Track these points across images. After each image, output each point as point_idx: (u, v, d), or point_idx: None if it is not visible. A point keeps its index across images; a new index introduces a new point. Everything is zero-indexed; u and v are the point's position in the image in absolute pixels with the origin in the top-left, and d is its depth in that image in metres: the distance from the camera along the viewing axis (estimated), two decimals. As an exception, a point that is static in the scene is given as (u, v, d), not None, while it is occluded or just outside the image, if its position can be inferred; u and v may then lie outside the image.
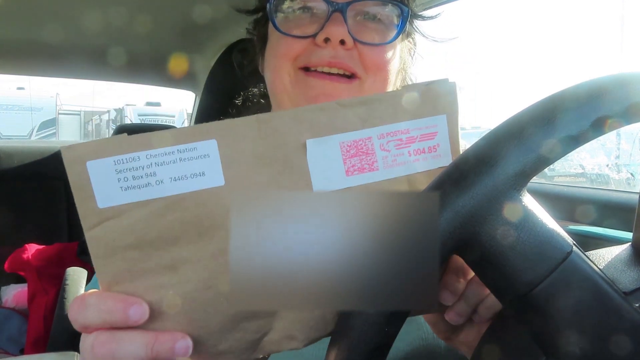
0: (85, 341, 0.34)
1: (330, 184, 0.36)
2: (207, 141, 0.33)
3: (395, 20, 0.63)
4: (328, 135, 0.35)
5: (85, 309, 0.33)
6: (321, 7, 0.60)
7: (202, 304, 0.36)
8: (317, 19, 0.61)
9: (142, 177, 0.32)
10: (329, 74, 0.60)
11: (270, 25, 0.64)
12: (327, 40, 0.59)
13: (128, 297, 0.34)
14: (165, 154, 0.32)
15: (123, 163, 0.32)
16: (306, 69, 0.61)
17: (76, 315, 0.34)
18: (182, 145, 0.33)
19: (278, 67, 0.62)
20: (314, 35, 0.60)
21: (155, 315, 0.35)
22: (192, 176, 0.33)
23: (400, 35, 0.64)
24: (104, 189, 0.32)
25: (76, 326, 0.34)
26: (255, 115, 0.35)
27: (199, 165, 0.33)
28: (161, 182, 0.33)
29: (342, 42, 0.59)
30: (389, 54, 0.63)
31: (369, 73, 0.61)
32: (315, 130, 0.35)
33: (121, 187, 0.32)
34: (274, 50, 0.63)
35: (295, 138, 0.35)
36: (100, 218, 0.33)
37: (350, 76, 0.61)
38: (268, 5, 0.63)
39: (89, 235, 0.33)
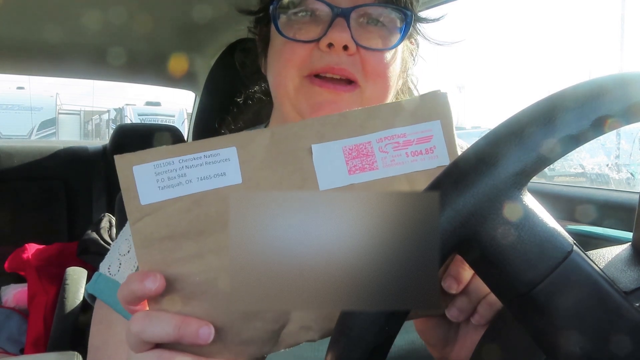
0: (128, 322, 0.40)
1: (335, 182, 0.41)
2: (228, 148, 0.40)
3: (399, 24, 0.62)
4: (332, 141, 0.41)
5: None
6: (324, 10, 0.60)
7: (225, 292, 0.40)
8: (320, 23, 0.60)
9: (175, 177, 0.39)
10: (332, 79, 0.60)
11: (273, 26, 0.63)
12: (330, 45, 0.59)
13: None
14: (194, 158, 0.39)
15: (161, 167, 0.39)
16: (310, 76, 0.61)
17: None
18: (208, 151, 0.39)
19: (283, 73, 0.62)
20: (317, 40, 0.60)
21: (183, 300, 0.40)
22: (215, 176, 0.39)
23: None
24: (146, 188, 0.39)
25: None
26: (269, 127, 0.40)
27: (221, 167, 0.40)
28: (190, 181, 0.39)
29: (345, 47, 0.59)
30: (391, 59, 0.63)
31: (368, 80, 0.61)
32: (320, 137, 0.41)
33: (159, 187, 0.39)
34: (278, 55, 0.63)
35: (303, 144, 0.40)
36: (142, 213, 0.39)
37: (351, 82, 0.61)
38: (271, 8, 0.62)
39: (133, 229, 0.39)
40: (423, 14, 0.70)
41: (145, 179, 0.39)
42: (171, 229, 0.39)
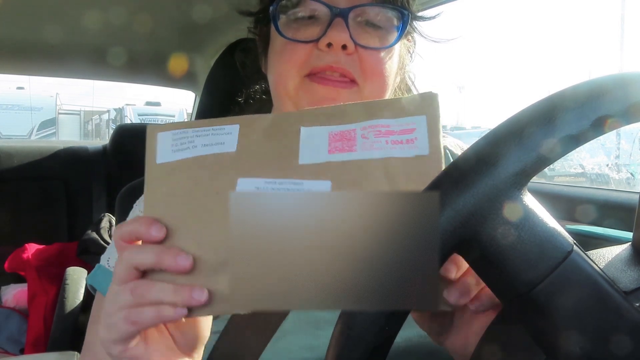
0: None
1: (314, 159, 0.45)
2: (232, 125, 0.47)
3: (396, 23, 0.64)
4: (320, 126, 0.46)
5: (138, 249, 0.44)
6: (323, 11, 0.62)
7: (212, 238, 0.44)
8: (319, 23, 0.62)
9: (185, 144, 0.47)
10: (331, 77, 0.62)
11: (273, 27, 0.65)
12: (329, 45, 0.60)
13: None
14: (204, 130, 0.47)
15: (177, 134, 0.47)
16: (309, 75, 0.62)
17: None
18: (216, 126, 0.47)
19: (283, 73, 0.63)
20: (316, 40, 0.61)
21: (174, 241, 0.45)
22: (215, 144, 0.47)
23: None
24: (163, 150, 0.47)
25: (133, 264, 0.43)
26: (272, 113, 0.46)
27: (222, 138, 0.47)
28: (195, 147, 0.47)
29: (344, 47, 0.60)
30: (389, 58, 0.64)
31: (366, 80, 0.63)
32: (312, 123, 0.46)
33: (172, 150, 0.47)
34: (278, 55, 0.64)
35: (296, 128, 0.46)
36: (156, 171, 0.47)
37: (351, 80, 0.62)
38: (271, 9, 0.63)
39: (148, 184, 0.47)
40: (421, 13, 0.71)
41: (165, 143, 0.47)
42: (174, 187, 0.46)
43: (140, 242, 0.45)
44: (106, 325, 0.44)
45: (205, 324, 0.48)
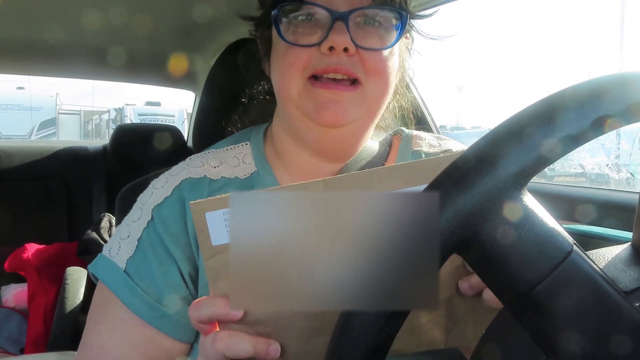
0: (207, 339, 0.47)
1: None
2: None
3: (394, 23, 0.65)
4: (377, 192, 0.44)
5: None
6: (324, 15, 0.63)
7: (281, 319, 0.46)
8: (320, 27, 0.63)
9: None
10: (334, 80, 0.63)
11: (274, 31, 0.66)
12: (331, 48, 0.62)
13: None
14: None
15: (227, 215, 0.45)
16: (313, 77, 0.64)
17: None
18: None
19: (287, 77, 0.64)
20: (318, 44, 0.62)
21: (249, 325, 0.46)
22: None
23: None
24: (216, 231, 0.45)
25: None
26: (323, 179, 0.46)
27: None
28: None
29: (346, 49, 0.62)
30: (389, 57, 0.66)
31: (369, 78, 0.64)
32: (366, 188, 0.45)
33: (227, 231, 0.45)
34: (281, 59, 0.65)
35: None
36: (213, 252, 0.46)
37: (354, 81, 0.64)
38: (273, 13, 0.64)
39: (206, 265, 0.46)
40: (420, 12, 0.73)
41: (216, 224, 0.45)
42: None
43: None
44: None
45: None
